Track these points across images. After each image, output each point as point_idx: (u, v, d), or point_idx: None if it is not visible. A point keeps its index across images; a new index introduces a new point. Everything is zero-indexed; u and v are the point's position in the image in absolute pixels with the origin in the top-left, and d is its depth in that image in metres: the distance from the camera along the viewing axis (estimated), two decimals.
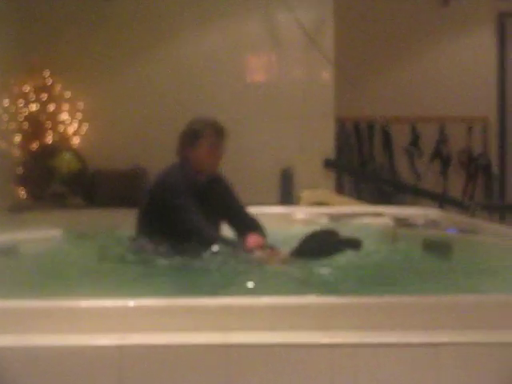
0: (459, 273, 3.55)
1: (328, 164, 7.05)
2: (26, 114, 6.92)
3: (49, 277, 3.26)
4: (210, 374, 1.91)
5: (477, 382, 1.91)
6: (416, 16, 8.29)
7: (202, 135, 4.13)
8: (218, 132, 4.17)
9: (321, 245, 3.73)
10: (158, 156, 6.94)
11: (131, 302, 2.08)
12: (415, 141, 8.25)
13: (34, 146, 6.87)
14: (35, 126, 6.91)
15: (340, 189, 7.47)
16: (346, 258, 4.35)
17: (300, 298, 2.12)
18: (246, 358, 1.91)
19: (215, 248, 3.69)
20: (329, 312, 2.03)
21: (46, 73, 6.97)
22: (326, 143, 7.14)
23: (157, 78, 7.08)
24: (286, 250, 3.70)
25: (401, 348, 1.92)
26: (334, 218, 5.19)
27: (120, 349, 1.93)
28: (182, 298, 2.16)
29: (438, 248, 4.23)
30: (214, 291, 2.76)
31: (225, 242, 3.83)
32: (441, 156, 8.35)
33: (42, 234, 4.32)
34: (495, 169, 8.51)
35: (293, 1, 6.83)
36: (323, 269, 3.25)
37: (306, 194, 6.36)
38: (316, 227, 4.08)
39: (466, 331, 1.98)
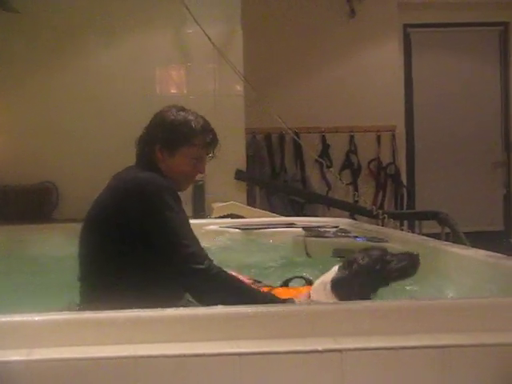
0: None
1: (239, 176, 7.06)
2: None
3: None
4: None
5: None
6: (324, 28, 8.38)
7: (191, 137, 3.04)
8: (213, 133, 3.16)
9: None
10: (68, 171, 6.91)
11: (36, 317, 2.05)
12: (325, 151, 8.33)
13: None
14: None
15: (252, 200, 7.49)
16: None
17: (207, 309, 2.12)
18: (155, 369, 1.90)
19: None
20: (236, 322, 2.03)
21: None
22: (237, 155, 7.14)
23: (66, 91, 6.99)
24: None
25: (307, 354, 1.93)
26: (246, 229, 5.21)
27: (27, 363, 1.89)
28: (88, 312, 2.12)
29: (347, 256, 4.28)
30: None
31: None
32: (351, 166, 8.46)
33: None
34: (404, 177, 8.66)
35: (201, 14, 6.82)
36: None
37: (217, 206, 6.36)
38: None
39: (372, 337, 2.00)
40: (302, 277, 3.43)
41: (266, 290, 3.16)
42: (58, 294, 3.34)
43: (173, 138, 3.04)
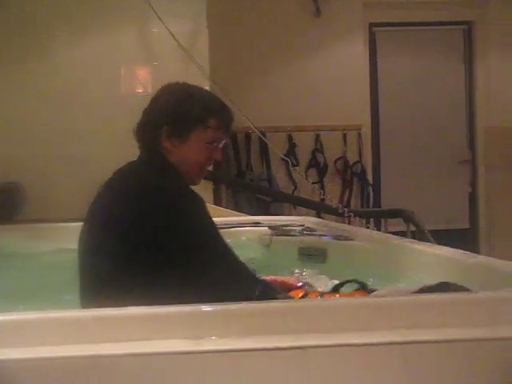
0: (333, 276, 3.62)
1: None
2: None
3: None
4: None
5: None
6: (289, 27, 8.38)
7: (205, 118, 2.61)
8: (228, 112, 2.76)
9: None
10: (34, 172, 6.84)
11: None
12: (292, 150, 8.34)
13: None
14: None
15: (218, 200, 7.48)
16: None
17: (171, 307, 2.11)
18: (117, 368, 1.88)
19: None
20: (199, 320, 2.02)
21: None
22: None
23: (30, 91, 6.93)
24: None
25: (270, 352, 1.93)
26: None
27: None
28: (51, 311, 2.09)
29: (313, 254, 4.31)
30: None
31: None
32: (317, 164, 8.48)
33: None
34: (370, 176, 8.70)
35: (166, 13, 6.80)
36: None
37: None
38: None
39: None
40: (355, 280, 3.06)
41: (315, 295, 2.85)
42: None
43: (182, 120, 2.61)
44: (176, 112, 2.63)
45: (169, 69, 7.12)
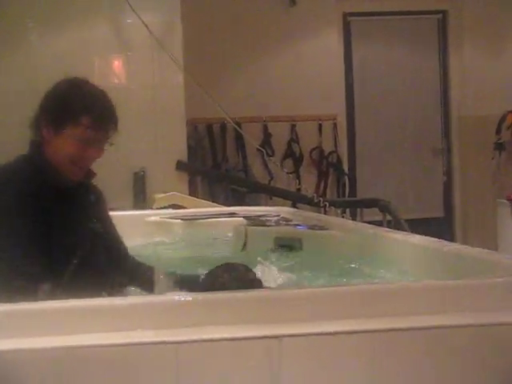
0: (308, 266, 3.63)
1: (180, 166, 7.04)
2: None
3: None
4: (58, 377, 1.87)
5: None
6: (264, 16, 8.38)
7: (81, 115, 2.60)
8: (108, 114, 2.72)
9: None
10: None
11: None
12: (267, 141, 8.34)
13: None
14: None
15: (193, 190, 7.47)
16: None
17: (142, 297, 2.10)
18: (90, 359, 1.88)
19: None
20: (173, 309, 2.02)
21: None
22: (178, 146, 7.13)
23: (2, 84, 6.88)
24: None
25: (245, 341, 1.93)
26: (187, 219, 5.19)
27: None
28: (22, 304, 2.07)
29: (289, 244, 4.31)
30: None
31: None
32: (293, 155, 8.48)
33: None
34: (345, 165, 8.72)
35: (140, 3, 6.77)
36: None
37: (158, 197, 6.32)
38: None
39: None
40: None
41: None
42: None
43: (57, 114, 2.63)
44: (53, 106, 2.67)
45: (142, 59, 7.11)
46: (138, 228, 5.04)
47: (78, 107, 2.62)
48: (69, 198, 2.69)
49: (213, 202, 6.78)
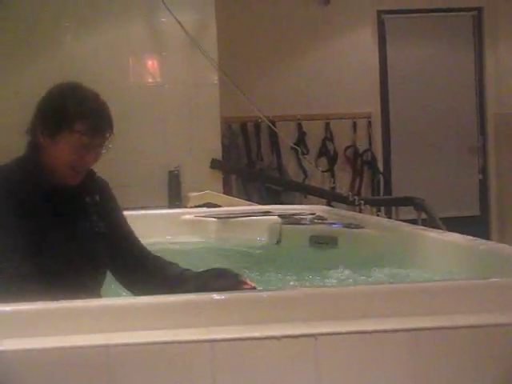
0: (345, 264, 3.63)
1: (215, 165, 7.05)
2: None
3: None
4: (92, 375, 1.87)
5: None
6: (298, 15, 8.36)
7: (74, 122, 2.57)
8: (102, 119, 2.67)
9: None
10: None
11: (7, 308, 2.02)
12: (301, 139, 8.33)
13: None
14: None
15: (228, 189, 7.48)
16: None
17: (179, 296, 2.11)
18: (128, 357, 1.88)
19: None
20: (208, 308, 2.02)
21: None
22: (213, 144, 7.14)
23: (39, 81, 6.89)
24: None
25: (281, 340, 1.92)
26: (222, 218, 5.20)
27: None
28: (60, 302, 2.08)
29: (324, 242, 4.31)
30: None
31: None
32: (327, 153, 8.46)
33: None
34: (380, 164, 8.69)
35: (175, 3, 6.79)
36: None
37: (193, 196, 6.35)
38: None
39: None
40: None
41: None
42: None
43: (52, 122, 2.59)
44: (46, 113, 2.63)
45: (177, 58, 7.12)
46: (173, 226, 5.07)
47: (70, 114, 2.59)
48: (64, 199, 2.66)
49: (247, 200, 6.79)
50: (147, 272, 2.72)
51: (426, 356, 1.96)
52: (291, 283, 3.46)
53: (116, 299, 2.09)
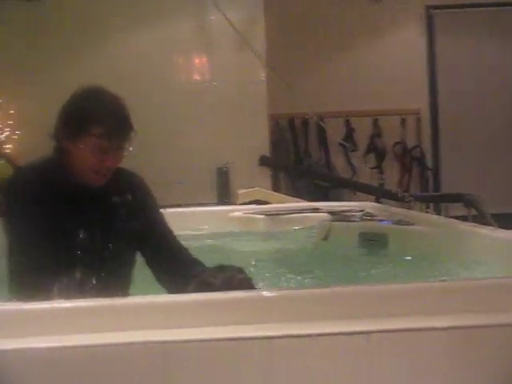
0: (396, 262, 3.61)
1: (263, 161, 7.06)
2: None
3: None
4: (146, 372, 1.89)
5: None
6: (347, 11, 8.34)
7: (91, 126, 2.60)
8: (121, 122, 2.69)
9: None
10: None
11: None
12: (350, 135, 8.31)
13: None
14: None
15: (276, 186, 7.48)
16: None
17: (223, 293, 2.12)
18: (178, 354, 1.90)
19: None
20: (262, 305, 2.03)
21: None
22: (261, 141, 7.15)
23: (90, 78, 6.96)
24: None
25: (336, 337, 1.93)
26: (271, 215, 5.20)
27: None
28: (104, 299, 2.10)
29: (374, 240, 4.29)
30: None
31: None
32: (376, 149, 8.43)
33: None
34: (429, 160, 8.62)
35: (224, 1, 6.81)
36: None
37: (242, 192, 6.36)
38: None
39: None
40: None
41: None
42: None
43: (71, 126, 2.66)
44: (67, 117, 2.70)
45: (226, 56, 7.14)
46: (222, 223, 5.08)
47: (87, 118, 2.64)
48: (89, 200, 2.69)
49: (296, 197, 6.78)
50: (180, 272, 2.70)
51: (477, 353, 1.95)
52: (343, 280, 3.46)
53: (144, 297, 2.09)
